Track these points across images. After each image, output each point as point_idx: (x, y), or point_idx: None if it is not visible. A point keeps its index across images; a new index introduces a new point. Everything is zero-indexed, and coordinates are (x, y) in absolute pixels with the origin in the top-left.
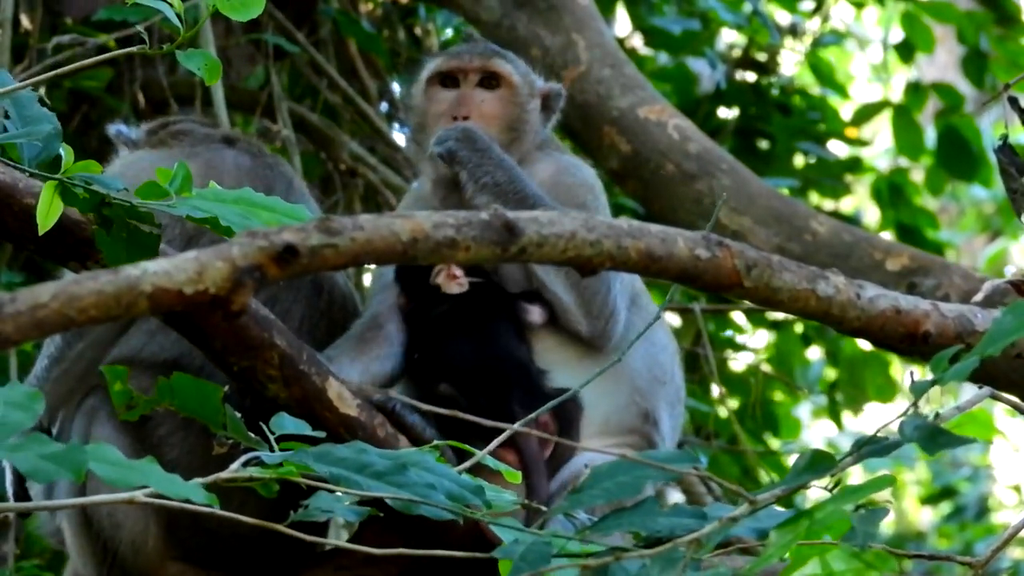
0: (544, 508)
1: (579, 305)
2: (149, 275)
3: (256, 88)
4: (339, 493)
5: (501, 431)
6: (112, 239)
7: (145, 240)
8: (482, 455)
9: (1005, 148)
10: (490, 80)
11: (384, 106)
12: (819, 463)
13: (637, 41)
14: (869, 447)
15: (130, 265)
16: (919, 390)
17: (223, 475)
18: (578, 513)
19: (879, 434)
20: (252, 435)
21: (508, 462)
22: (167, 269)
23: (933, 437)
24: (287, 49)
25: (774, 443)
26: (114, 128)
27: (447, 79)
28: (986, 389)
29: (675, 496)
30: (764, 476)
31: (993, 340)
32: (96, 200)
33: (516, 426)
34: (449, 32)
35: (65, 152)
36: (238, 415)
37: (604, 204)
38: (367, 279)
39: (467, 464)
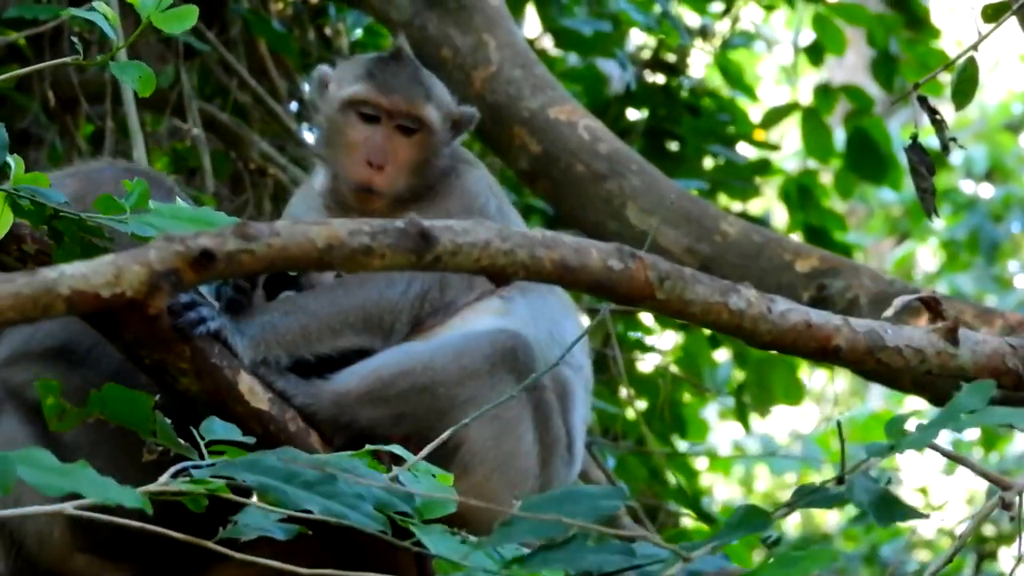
0: (473, 539)
1: None
2: (67, 278)
3: (166, 87)
4: (268, 508)
5: None
6: (66, 252)
7: (98, 254)
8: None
9: (915, 147)
10: (410, 124)
11: (293, 106)
12: (753, 519)
13: (547, 42)
14: (810, 497)
15: (47, 268)
16: (876, 453)
17: (152, 488)
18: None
19: (825, 485)
20: (182, 442)
21: None
22: (84, 272)
23: (887, 506)
24: (197, 48)
25: (682, 445)
26: None
27: (366, 110)
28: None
29: None
30: (671, 478)
31: (953, 415)
32: (44, 213)
33: None
34: (359, 32)
35: (15, 163)
36: (168, 422)
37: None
38: None
39: (402, 468)
